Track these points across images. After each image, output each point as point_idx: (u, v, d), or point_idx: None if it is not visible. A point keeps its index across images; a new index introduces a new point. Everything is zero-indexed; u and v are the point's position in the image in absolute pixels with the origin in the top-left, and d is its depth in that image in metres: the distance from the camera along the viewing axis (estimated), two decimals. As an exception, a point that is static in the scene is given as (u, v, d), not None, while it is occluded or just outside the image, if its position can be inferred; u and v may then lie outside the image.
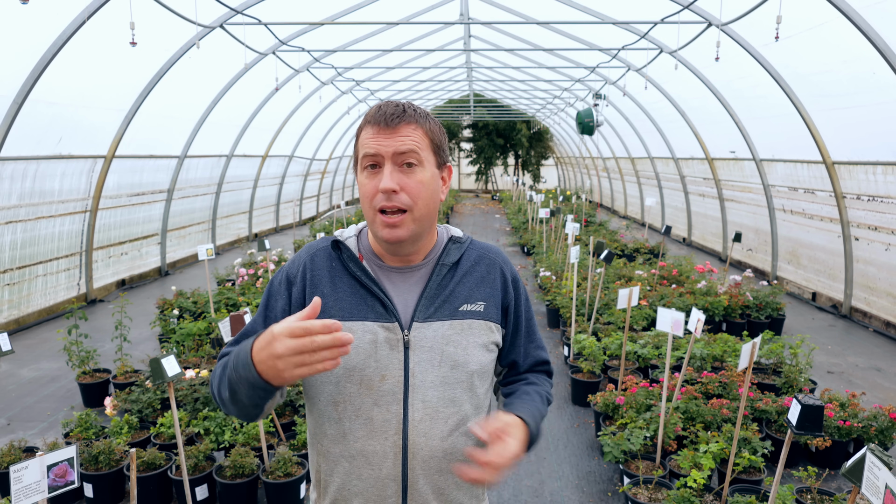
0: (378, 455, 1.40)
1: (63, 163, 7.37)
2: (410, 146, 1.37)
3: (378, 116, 1.38)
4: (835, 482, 3.89)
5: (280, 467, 3.47)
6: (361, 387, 1.40)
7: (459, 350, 1.43)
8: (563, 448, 4.38)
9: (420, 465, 1.41)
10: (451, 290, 1.47)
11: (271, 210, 15.57)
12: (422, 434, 1.40)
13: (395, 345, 1.40)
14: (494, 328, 1.50)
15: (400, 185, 1.35)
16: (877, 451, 1.70)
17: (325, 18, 8.68)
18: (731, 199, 11.07)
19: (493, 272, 1.53)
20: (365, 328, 1.40)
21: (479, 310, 1.48)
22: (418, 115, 1.41)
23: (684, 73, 9.33)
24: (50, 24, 5.95)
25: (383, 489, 1.41)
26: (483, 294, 1.50)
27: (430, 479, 1.42)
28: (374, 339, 1.40)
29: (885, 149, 6.63)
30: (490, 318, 1.49)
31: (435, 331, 1.42)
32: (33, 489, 1.86)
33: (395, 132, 1.36)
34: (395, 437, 1.40)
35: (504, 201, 23.09)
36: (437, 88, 18.02)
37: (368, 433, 1.40)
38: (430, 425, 1.40)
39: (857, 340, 6.80)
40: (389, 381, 1.39)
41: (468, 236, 1.59)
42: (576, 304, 6.27)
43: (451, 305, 1.45)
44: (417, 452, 1.40)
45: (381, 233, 1.38)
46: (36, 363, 6.00)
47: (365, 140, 1.39)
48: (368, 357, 1.39)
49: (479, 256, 1.54)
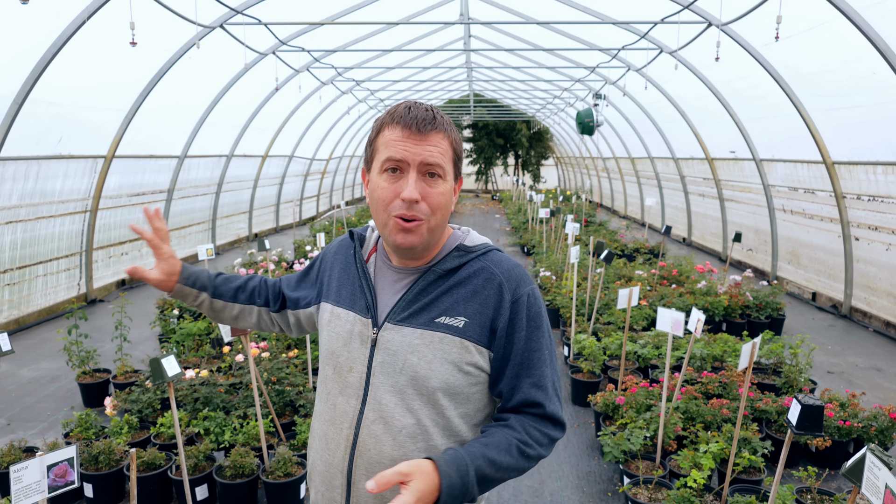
0: (333, 442, 1.42)
1: (63, 163, 7.37)
2: (438, 159, 1.33)
3: (409, 120, 1.32)
4: (835, 482, 3.89)
5: (280, 467, 3.47)
6: (335, 372, 1.45)
7: (423, 362, 1.35)
8: (563, 448, 4.38)
9: (364, 465, 1.37)
10: (433, 299, 1.39)
11: (271, 210, 15.57)
12: (372, 435, 1.37)
13: (364, 340, 1.42)
14: (472, 348, 1.36)
15: (422, 195, 1.32)
16: (877, 451, 1.70)
17: (325, 18, 8.68)
18: (731, 199, 11.07)
19: (487, 288, 1.39)
20: (348, 317, 1.46)
21: (458, 325, 1.36)
22: (446, 123, 1.38)
23: (684, 73, 9.33)
24: (50, 24, 5.95)
25: (332, 478, 1.43)
26: (469, 310, 1.37)
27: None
28: (350, 330, 1.44)
29: (885, 149, 6.63)
30: (468, 337, 1.36)
31: (403, 336, 1.38)
32: (33, 489, 1.86)
33: (424, 139, 1.32)
34: (347, 430, 1.40)
35: (504, 201, 23.08)
36: (437, 88, 18.02)
37: (331, 419, 1.44)
38: (381, 428, 1.36)
39: (857, 340, 6.80)
40: (354, 375, 1.42)
41: (486, 246, 1.47)
42: (576, 304, 6.27)
43: (428, 314, 1.38)
44: (364, 452, 1.37)
45: (395, 238, 1.35)
46: (36, 363, 6.00)
47: (391, 141, 1.34)
48: (343, 346, 1.44)
49: (480, 269, 1.42)
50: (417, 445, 1.36)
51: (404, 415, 1.36)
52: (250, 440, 3.81)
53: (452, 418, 1.38)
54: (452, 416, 1.37)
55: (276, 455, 3.53)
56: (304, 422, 3.99)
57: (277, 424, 4.01)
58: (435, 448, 1.37)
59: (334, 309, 1.50)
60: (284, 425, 4.20)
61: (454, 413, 1.38)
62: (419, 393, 1.36)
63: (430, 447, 1.36)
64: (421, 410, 1.36)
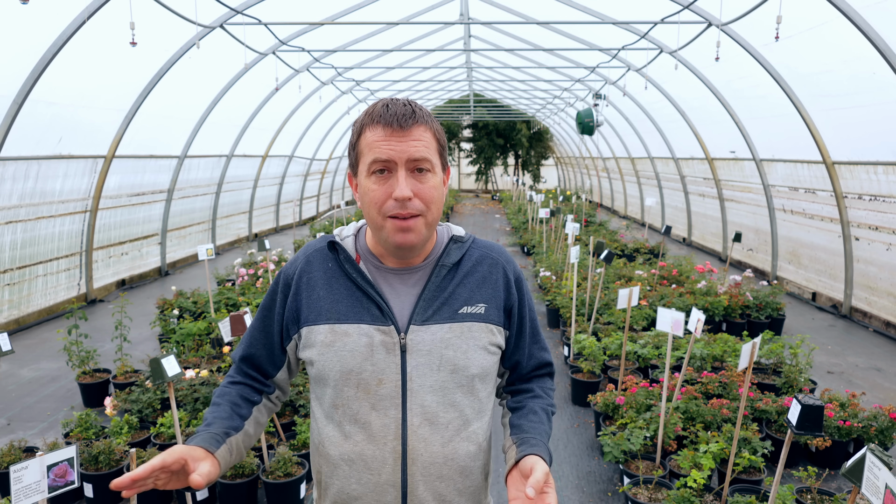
0: (377, 460, 1.38)
1: (63, 163, 7.37)
2: (424, 153, 1.33)
3: (389, 117, 1.31)
4: (835, 482, 3.89)
5: (280, 467, 3.47)
6: (359, 390, 1.38)
7: (459, 354, 1.39)
8: (563, 448, 4.38)
9: (420, 472, 1.38)
10: (451, 292, 1.42)
11: (271, 210, 15.57)
12: (421, 440, 1.37)
13: (391, 348, 1.37)
14: (496, 330, 1.45)
15: (414, 192, 1.31)
16: (877, 451, 1.70)
17: (325, 18, 8.68)
18: (731, 199, 11.07)
19: (495, 273, 1.48)
20: (360, 331, 1.38)
21: (480, 312, 1.43)
22: (426, 114, 1.37)
23: (684, 73, 9.33)
24: (50, 24, 5.95)
25: (383, 494, 1.39)
26: (484, 295, 1.45)
27: (430, 485, 1.39)
28: (369, 343, 1.37)
29: (885, 148, 6.63)
30: (491, 321, 1.44)
31: (433, 334, 1.38)
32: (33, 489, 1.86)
33: (406, 134, 1.31)
34: (393, 442, 1.37)
35: (504, 201, 23.08)
36: (437, 88, 18.03)
37: (367, 437, 1.38)
38: (429, 431, 1.37)
39: (857, 340, 6.80)
40: (387, 386, 1.37)
41: (470, 235, 1.54)
42: (576, 304, 6.27)
43: (451, 308, 1.41)
44: (417, 458, 1.37)
45: (395, 238, 1.33)
46: (36, 363, 6.00)
47: (374, 142, 1.32)
48: (364, 360, 1.37)
49: (481, 256, 1.49)
50: (461, 435, 1.41)
51: (448, 410, 1.39)
52: (250, 440, 3.81)
53: (483, 399, 1.46)
54: (483, 396, 1.46)
55: (276, 455, 3.53)
56: (304, 422, 3.99)
57: (277, 424, 4.00)
58: (474, 433, 1.43)
59: (335, 327, 1.39)
60: (284, 425, 4.20)
61: (484, 394, 1.47)
62: (459, 385, 1.40)
63: (469, 433, 1.43)
64: (462, 401, 1.41)
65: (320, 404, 1.46)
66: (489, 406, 1.50)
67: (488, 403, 1.49)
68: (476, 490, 1.47)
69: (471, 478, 1.44)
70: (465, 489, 1.44)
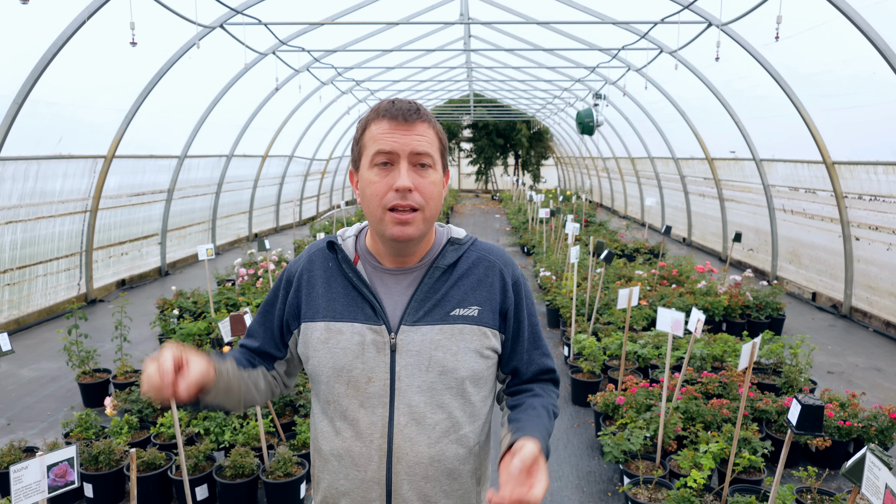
0: (363, 457, 1.40)
1: (63, 163, 7.37)
2: (427, 148, 1.35)
3: (395, 111, 1.34)
4: (835, 482, 3.89)
5: (280, 467, 3.47)
6: (349, 387, 1.41)
7: (449, 356, 1.39)
8: (563, 448, 4.38)
9: (404, 471, 1.39)
10: (444, 294, 1.43)
11: (271, 210, 15.57)
12: (407, 439, 1.38)
13: (381, 347, 1.39)
14: (490, 333, 1.45)
15: (414, 185, 1.33)
16: (877, 451, 1.70)
17: (325, 18, 8.68)
18: (731, 199, 11.07)
19: (491, 275, 1.47)
20: (353, 329, 1.41)
21: (473, 314, 1.43)
22: (429, 115, 1.40)
23: (684, 73, 9.33)
24: (50, 24, 5.95)
25: (368, 491, 1.41)
26: (479, 298, 1.44)
27: (414, 485, 1.39)
28: (361, 341, 1.40)
29: (885, 148, 6.63)
30: (485, 324, 1.44)
31: (423, 335, 1.40)
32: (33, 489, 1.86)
33: (411, 129, 1.34)
34: (380, 440, 1.39)
35: (504, 201, 23.08)
36: (437, 88, 18.02)
37: (355, 434, 1.40)
38: (415, 430, 1.38)
39: (857, 340, 6.80)
40: (376, 384, 1.39)
41: (470, 237, 1.54)
42: (576, 304, 6.27)
43: (443, 309, 1.42)
44: (402, 457, 1.38)
45: (392, 230, 1.35)
46: (36, 363, 6.00)
47: (378, 135, 1.35)
48: (355, 358, 1.40)
49: (477, 258, 1.49)
50: (450, 437, 1.40)
51: (435, 411, 1.39)
52: (250, 440, 3.82)
53: (476, 403, 1.45)
54: (476, 400, 1.45)
55: (276, 455, 3.53)
56: (304, 422, 3.99)
57: (277, 424, 4.01)
58: (465, 437, 1.42)
59: (330, 325, 1.43)
60: (284, 425, 4.20)
61: (477, 397, 1.45)
62: (448, 386, 1.40)
63: (460, 436, 1.42)
64: (451, 403, 1.40)
65: (317, 400, 1.49)
66: (484, 411, 1.48)
67: (483, 408, 1.48)
68: (465, 494, 1.45)
69: (459, 481, 1.44)
70: (453, 492, 1.43)
